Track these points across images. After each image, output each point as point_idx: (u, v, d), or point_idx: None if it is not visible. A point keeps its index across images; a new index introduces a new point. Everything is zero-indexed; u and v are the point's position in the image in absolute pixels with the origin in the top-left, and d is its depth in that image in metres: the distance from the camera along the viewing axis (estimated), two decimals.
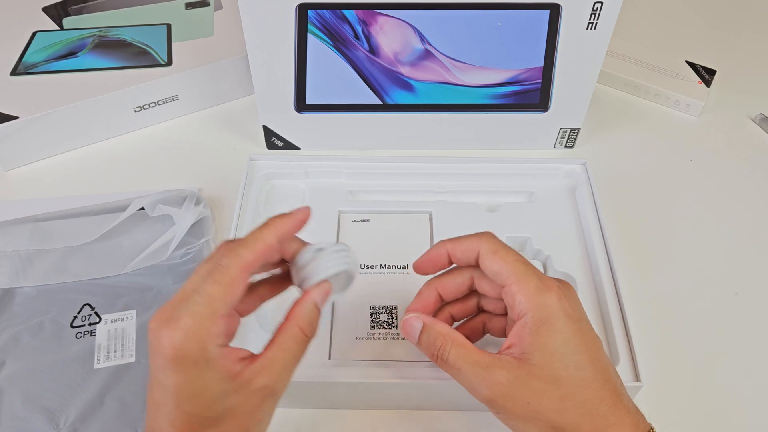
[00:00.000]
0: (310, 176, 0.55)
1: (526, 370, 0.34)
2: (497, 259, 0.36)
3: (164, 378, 0.31)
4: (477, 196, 0.55)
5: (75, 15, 0.71)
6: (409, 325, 0.37)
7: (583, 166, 0.55)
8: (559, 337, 0.34)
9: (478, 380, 0.34)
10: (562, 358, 0.34)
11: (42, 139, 0.61)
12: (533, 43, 0.55)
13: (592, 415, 0.33)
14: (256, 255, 0.33)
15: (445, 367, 0.36)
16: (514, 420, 0.34)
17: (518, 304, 0.35)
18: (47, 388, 0.45)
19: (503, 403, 0.34)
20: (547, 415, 0.33)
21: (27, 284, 0.51)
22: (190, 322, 0.31)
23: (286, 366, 0.34)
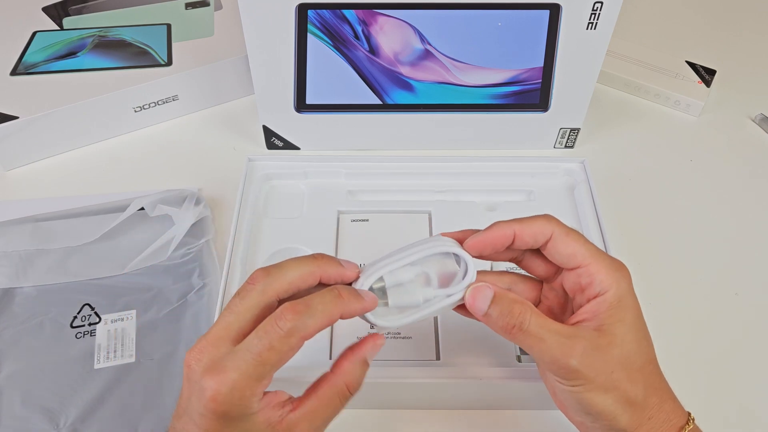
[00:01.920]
0: (309, 176, 0.55)
1: (607, 340, 0.34)
2: (571, 241, 0.36)
3: (202, 423, 0.31)
4: (476, 195, 0.55)
5: (75, 15, 0.71)
6: (481, 294, 0.35)
7: (582, 164, 0.55)
8: (632, 313, 0.35)
9: (562, 349, 0.33)
10: (636, 333, 0.35)
11: (42, 139, 0.62)
12: (533, 43, 0.55)
13: (656, 389, 0.35)
14: (319, 328, 0.32)
15: (524, 336, 0.34)
16: (592, 392, 0.34)
17: (599, 282, 0.35)
18: (47, 388, 0.45)
19: (587, 373, 0.33)
20: (624, 386, 0.34)
21: (27, 284, 0.51)
22: (239, 381, 0.31)
23: (326, 420, 0.34)
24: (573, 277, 0.36)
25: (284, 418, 0.32)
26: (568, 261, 0.36)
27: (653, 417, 0.34)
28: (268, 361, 0.31)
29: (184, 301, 0.50)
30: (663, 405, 0.35)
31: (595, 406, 0.34)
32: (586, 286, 0.36)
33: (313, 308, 0.32)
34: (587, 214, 0.52)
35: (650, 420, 0.34)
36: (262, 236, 0.51)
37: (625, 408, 0.34)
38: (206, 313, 0.49)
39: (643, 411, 0.34)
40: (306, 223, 0.52)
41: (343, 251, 0.50)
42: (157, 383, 0.46)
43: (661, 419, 0.34)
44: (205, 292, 0.50)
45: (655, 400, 0.35)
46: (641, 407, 0.34)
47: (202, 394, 0.31)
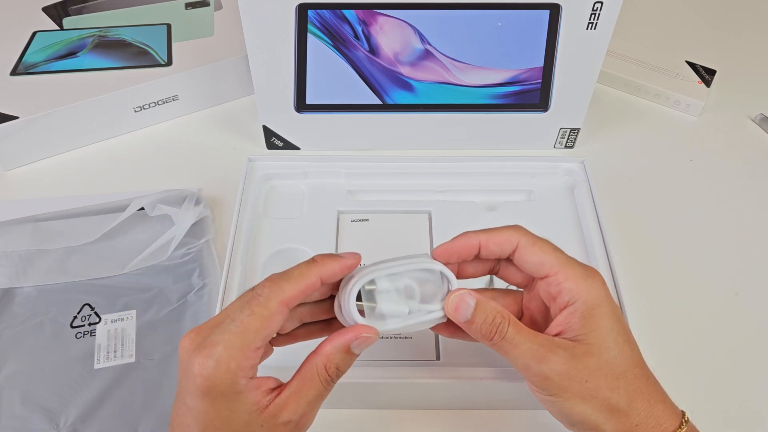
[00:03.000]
0: (309, 176, 0.55)
1: (582, 350, 0.34)
2: (537, 250, 0.36)
3: (192, 403, 0.32)
4: (476, 195, 0.55)
5: (75, 15, 0.71)
6: (463, 302, 0.35)
7: (582, 164, 0.55)
8: (608, 319, 0.34)
9: (536, 358, 0.34)
10: (614, 340, 0.34)
11: (42, 139, 0.62)
12: (533, 43, 0.55)
13: (643, 393, 0.34)
14: (297, 291, 0.33)
15: (502, 344, 0.34)
16: (570, 401, 0.34)
17: (566, 291, 0.35)
18: (47, 388, 0.45)
19: (560, 382, 0.33)
20: (604, 393, 0.34)
21: (27, 284, 0.51)
22: (223, 352, 0.31)
23: (312, 402, 0.34)
24: (544, 286, 0.36)
25: (271, 402, 0.33)
26: (537, 270, 0.36)
27: (641, 423, 0.34)
28: (249, 327, 0.32)
29: (184, 301, 0.50)
30: (652, 409, 0.34)
31: (576, 415, 0.34)
32: (555, 295, 0.36)
33: (290, 273, 0.34)
34: (587, 214, 0.52)
35: (638, 427, 0.34)
36: (262, 236, 0.51)
37: (608, 416, 0.34)
38: (206, 313, 0.49)
39: (629, 418, 0.34)
40: (306, 223, 0.52)
41: (342, 250, 0.50)
42: (157, 383, 0.46)
43: (650, 425, 0.34)
44: (205, 292, 0.50)
45: (642, 405, 0.34)
46: (626, 414, 0.34)
47: (191, 371, 0.31)
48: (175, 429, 0.33)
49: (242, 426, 0.32)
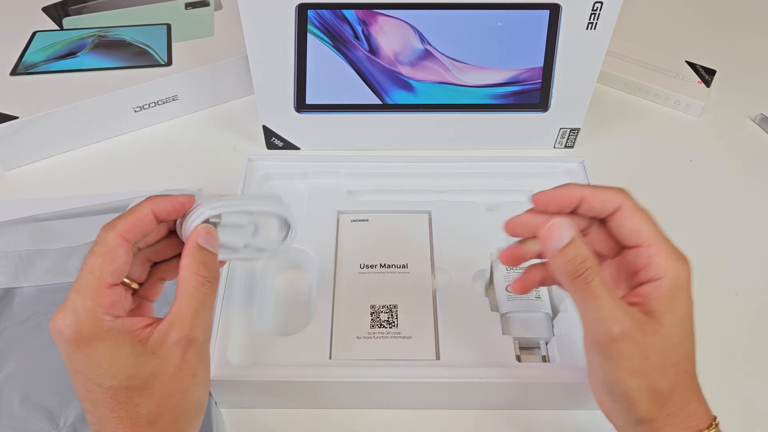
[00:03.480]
0: (309, 176, 0.55)
1: (653, 327, 0.33)
2: (638, 217, 0.35)
3: (75, 363, 0.32)
4: (476, 196, 0.55)
5: (75, 15, 0.71)
6: (559, 231, 0.34)
7: (581, 164, 0.56)
8: (684, 307, 0.34)
9: (612, 317, 0.33)
10: (682, 328, 0.34)
11: (42, 139, 0.62)
12: (533, 43, 0.55)
13: (685, 388, 0.34)
14: (129, 223, 0.34)
15: (584, 289, 0.34)
16: (623, 370, 0.33)
17: (656, 266, 0.34)
18: (47, 388, 0.45)
19: (623, 349, 0.33)
20: (655, 375, 0.34)
21: (27, 284, 0.51)
22: (77, 298, 0.32)
23: (195, 314, 0.34)
24: (632, 256, 0.36)
25: (152, 332, 0.33)
26: (631, 237, 0.35)
27: (673, 414, 0.34)
28: (94, 266, 0.33)
29: None
30: (687, 405, 0.34)
31: (620, 387, 0.34)
32: (642, 267, 0.35)
33: (123, 213, 0.35)
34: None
35: (669, 416, 0.34)
36: None
37: (648, 397, 0.34)
38: None
39: (665, 406, 0.34)
40: (306, 223, 0.52)
41: (342, 250, 0.50)
42: None
43: (680, 418, 0.34)
44: None
45: (680, 399, 0.34)
46: (664, 401, 0.34)
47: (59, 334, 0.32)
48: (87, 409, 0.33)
49: (130, 362, 0.32)
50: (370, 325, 0.46)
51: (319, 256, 0.50)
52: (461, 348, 0.44)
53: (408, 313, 0.46)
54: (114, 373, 0.32)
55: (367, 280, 0.48)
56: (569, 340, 0.44)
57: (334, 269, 0.49)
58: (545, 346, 0.46)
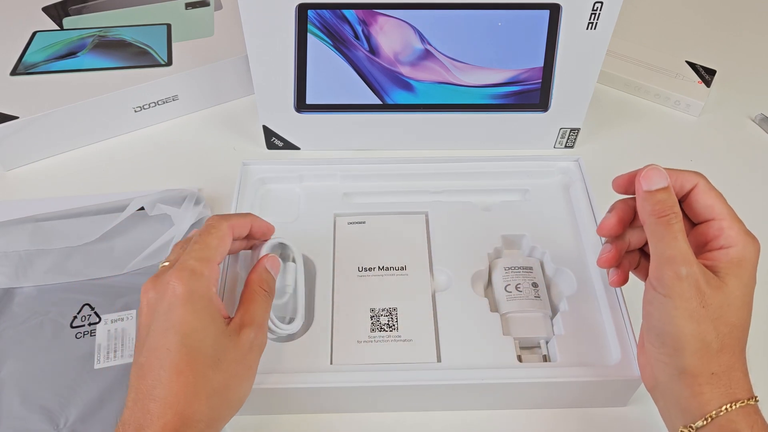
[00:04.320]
0: (304, 180, 0.55)
1: (717, 283, 0.36)
2: (713, 194, 0.38)
3: (173, 319, 0.35)
4: (472, 196, 0.55)
5: (75, 15, 0.71)
6: (657, 173, 0.38)
7: (577, 162, 0.56)
8: (751, 278, 0.37)
9: (684, 256, 0.35)
10: (745, 295, 0.36)
11: (42, 139, 0.62)
12: (533, 43, 0.55)
13: (733, 352, 0.36)
14: (239, 222, 0.41)
15: (666, 229, 0.36)
16: (678, 310, 0.35)
17: (727, 236, 0.37)
18: (47, 389, 0.45)
19: (686, 289, 0.35)
20: (707, 326, 0.35)
21: (27, 284, 0.51)
22: (195, 263, 0.36)
23: (262, 321, 0.39)
24: (704, 228, 0.38)
25: (231, 320, 0.38)
26: (706, 212, 0.38)
27: (717, 374, 0.35)
28: (210, 244, 0.38)
29: None
30: (732, 371, 0.35)
31: (673, 327, 0.36)
32: (713, 237, 0.37)
33: (230, 214, 0.42)
34: (583, 212, 0.52)
35: (713, 376, 0.35)
36: None
37: (697, 347, 0.35)
38: None
39: (711, 362, 0.35)
40: (303, 227, 0.52)
41: (340, 253, 0.50)
42: None
43: (723, 381, 0.35)
44: None
45: (727, 361, 0.35)
46: (710, 357, 0.35)
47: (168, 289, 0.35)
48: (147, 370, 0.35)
49: (216, 334, 0.36)
50: (371, 329, 0.46)
51: (316, 259, 0.49)
52: (462, 349, 0.44)
53: (408, 316, 0.46)
54: (203, 337, 0.35)
55: (365, 283, 0.48)
56: (569, 339, 0.44)
57: (332, 273, 0.49)
58: (546, 345, 0.46)
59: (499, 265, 0.49)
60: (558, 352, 0.44)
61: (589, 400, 0.45)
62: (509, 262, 0.49)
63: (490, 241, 0.51)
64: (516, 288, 0.47)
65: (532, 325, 0.46)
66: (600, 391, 0.43)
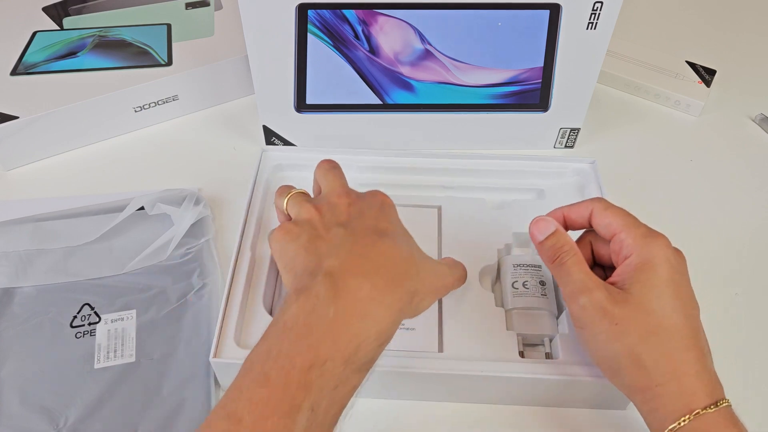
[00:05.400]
0: None
1: (623, 296, 0.37)
2: (608, 213, 0.40)
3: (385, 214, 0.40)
4: (485, 193, 0.55)
5: (75, 15, 0.71)
6: (544, 223, 0.41)
7: (592, 165, 0.56)
8: (658, 277, 0.37)
9: (581, 289, 0.37)
10: (659, 296, 0.36)
11: (42, 139, 0.61)
12: (533, 43, 0.55)
13: (672, 358, 0.35)
14: None
15: (560, 269, 0.39)
16: (597, 336, 0.37)
17: (625, 247, 0.38)
18: (47, 389, 0.45)
19: (592, 317, 0.37)
20: (631, 341, 0.36)
21: (27, 284, 0.51)
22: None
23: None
24: (613, 246, 0.40)
25: None
26: (607, 231, 0.40)
27: (663, 385, 0.35)
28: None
29: (184, 301, 0.50)
30: (680, 378, 0.35)
31: (602, 352, 0.37)
32: (618, 251, 0.39)
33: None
34: None
35: (658, 387, 0.35)
36: (272, 224, 0.52)
37: (629, 362, 0.36)
38: (206, 313, 0.49)
39: (650, 375, 0.35)
40: None
41: None
42: (157, 383, 0.45)
43: (671, 389, 0.35)
44: (205, 292, 0.50)
45: (669, 369, 0.35)
46: (648, 369, 0.35)
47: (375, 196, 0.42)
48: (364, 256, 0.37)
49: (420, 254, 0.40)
50: None
51: None
52: (465, 341, 0.44)
53: None
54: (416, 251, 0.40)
55: None
56: (573, 338, 0.44)
57: None
58: (549, 343, 0.46)
59: (508, 261, 0.49)
60: (560, 351, 0.44)
61: (589, 401, 0.45)
62: (518, 259, 0.49)
63: (502, 237, 0.51)
64: (523, 285, 0.47)
65: (536, 322, 0.46)
66: (600, 391, 0.43)
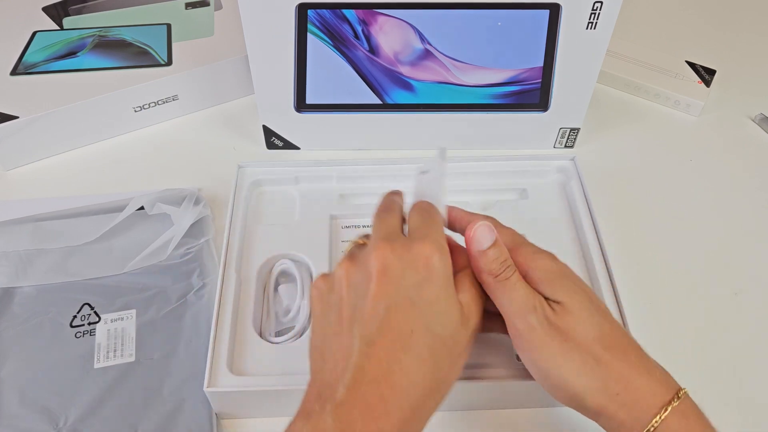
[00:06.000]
0: (300, 181, 0.55)
1: (560, 308, 0.35)
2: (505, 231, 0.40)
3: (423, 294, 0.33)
4: (469, 196, 0.55)
5: (75, 15, 0.71)
6: (486, 230, 0.37)
7: (573, 161, 0.56)
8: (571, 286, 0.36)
9: (529, 308, 0.35)
10: (580, 302, 0.36)
11: (42, 139, 0.62)
12: (533, 43, 0.55)
13: (622, 362, 0.35)
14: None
15: (505, 284, 0.36)
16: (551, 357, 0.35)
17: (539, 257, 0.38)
18: (47, 388, 0.45)
19: (542, 337, 0.35)
20: (581, 354, 0.34)
21: (27, 284, 0.51)
22: (443, 240, 0.35)
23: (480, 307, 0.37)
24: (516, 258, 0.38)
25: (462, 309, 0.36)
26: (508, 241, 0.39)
27: (621, 392, 0.34)
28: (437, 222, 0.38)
29: (184, 300, 0.50)
30: (632, 381, 0.34)
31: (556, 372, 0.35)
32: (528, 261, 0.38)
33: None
34: (580, 211, 0.52)
35: (618, 396, 0.34)
36: (255, 243, 0.51)
37: (585, 377, 0.34)
38: (206, 313, 0.49)
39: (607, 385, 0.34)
40: (299, 229, 0.52)
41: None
42: (157, 383, 0.45)
43: (629, 397, 0.34)
44: (205, 292, 0.50)
45: (620, 374, 0.34)
46: (603, 378, 0.34)
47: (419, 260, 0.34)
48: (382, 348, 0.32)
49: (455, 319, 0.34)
50: None
51: (312, 262, 0.49)
52: None
53: None
54: (444, 321, 0.34)
55: None
56: None
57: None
58: None
59: None
60: None
61: None
62: None
63: None
64: None
65: None
66: None
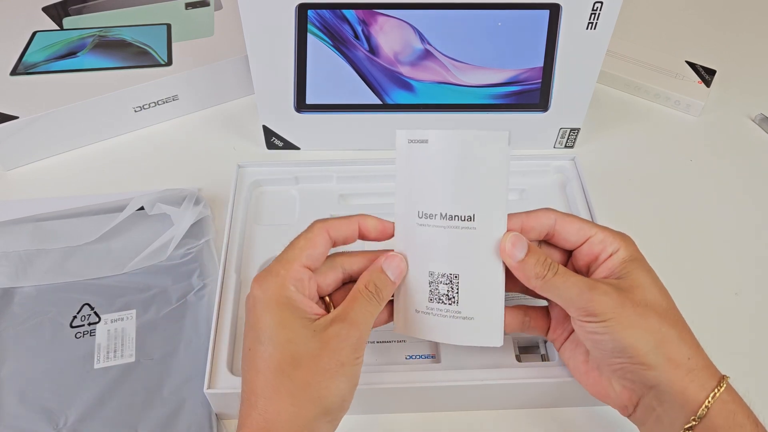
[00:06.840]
0: (300, 182, 0.55)
1: (628, 283, 0.37)
2: (574, 219, 0.40)
3: (251, 319, 0.36)
4: None
5: (75, 15, 0.71)
6: (520, 242, 0.38)
7: (572, 161, 0.56)
8: (646, 267, 0.38)
9: (589, 286, 0.36)
10: (653, 283, 0.38)
11: (42, 139, 0.62)
12: (533, 43, 0.55)
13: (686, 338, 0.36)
14: (338, 223, 0.39)
15: (554, 280, 0.37)
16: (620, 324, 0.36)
17: (610, 243, 0.39)
18: (47, 389, 0.45)
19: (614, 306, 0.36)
20: (653, 322, 0.36)
21: (27, 284, 0.51)
22: (275, 265, 0.37)
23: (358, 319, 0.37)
24: (586, 249, 0.39)
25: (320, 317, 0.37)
26: (578, 235, 0.39)
27: (692, 357, 0.36)
28: (296, 245, 0.38)
29: (184, 301, 0.50)
30: (698, 360, 0.36)
31: (626, 340, 0.36)
32: (599, 252, 0.39)
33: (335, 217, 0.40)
34: (580, 211, 0.52)
35: (690, 360, 0.36)
36: (255, 243, 0.51)
37: (657, 344, 0.35)
38: (206, 313, 0.49)
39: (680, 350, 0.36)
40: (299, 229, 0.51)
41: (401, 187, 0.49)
42: (157, 383, 0.45)
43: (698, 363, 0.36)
44: (205, 293, 0.50)
45: (687, 353, 0.36)
46: (673, 352, 0.36)
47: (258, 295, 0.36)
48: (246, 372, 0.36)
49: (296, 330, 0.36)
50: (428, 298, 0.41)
51: None
52: (461, 349, 0.44)
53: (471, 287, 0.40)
54: (278, 335, 0.35)
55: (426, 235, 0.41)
56: None
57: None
58: (544, 345, 0.46)
59: None
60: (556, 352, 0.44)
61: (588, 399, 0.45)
62: None
63: None
64: None
65: None
66: None
